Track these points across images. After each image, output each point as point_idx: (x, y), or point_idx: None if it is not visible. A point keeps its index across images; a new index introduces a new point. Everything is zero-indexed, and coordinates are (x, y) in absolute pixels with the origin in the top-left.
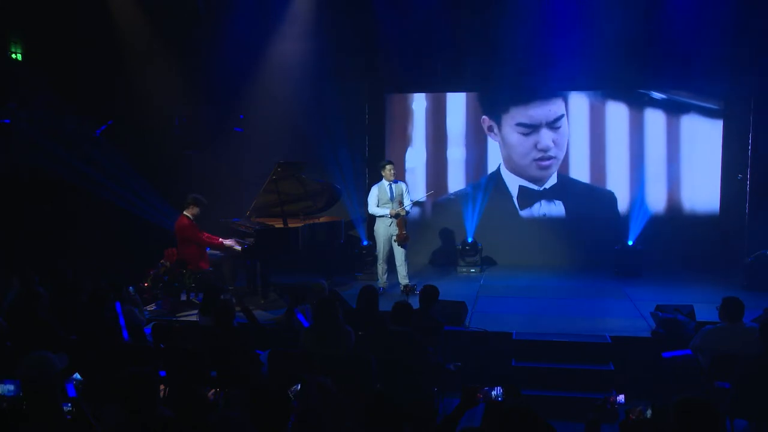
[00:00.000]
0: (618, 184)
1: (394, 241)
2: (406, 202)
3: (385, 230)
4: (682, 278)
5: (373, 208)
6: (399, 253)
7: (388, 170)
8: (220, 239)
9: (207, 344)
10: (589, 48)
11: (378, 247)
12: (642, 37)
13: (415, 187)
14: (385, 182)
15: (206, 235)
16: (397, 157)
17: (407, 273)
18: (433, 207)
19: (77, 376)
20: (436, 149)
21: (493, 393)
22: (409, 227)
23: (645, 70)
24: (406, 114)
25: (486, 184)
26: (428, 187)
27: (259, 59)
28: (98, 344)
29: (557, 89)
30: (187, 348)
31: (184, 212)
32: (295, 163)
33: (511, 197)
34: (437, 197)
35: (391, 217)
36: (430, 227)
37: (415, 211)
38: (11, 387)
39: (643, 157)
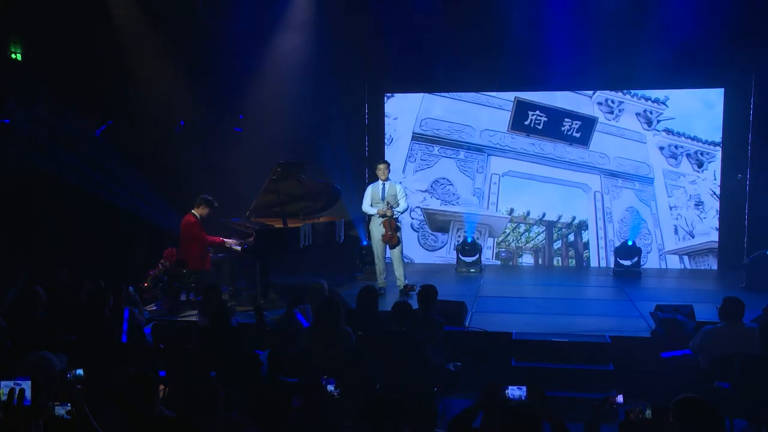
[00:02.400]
0: (617, 183)
1: (383, 241)
2: (401, 203)
3: (377, 230)
4: (682, 278)
5: (365, 207)
6: (392, 253)
7: (381, 170)
8: (221, 238)
9: (207, 344)
10: (586, 45)
11: (373, 247)
12: (640, 35)
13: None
14: (379, 182)
15: (208, 238)
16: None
17: (403, 273)
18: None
19: (79, 371)
20: (435, 149)
21: (517, 393)
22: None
23: (644, 68)
24: (405, 114)
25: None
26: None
27: (259, 59)
28: (98, 344)
29: (552, 87)
30: (187, 348)
31: (193, 211)
32: (295, 163)
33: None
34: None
35: (379, 217)
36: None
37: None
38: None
39: (642, 157)
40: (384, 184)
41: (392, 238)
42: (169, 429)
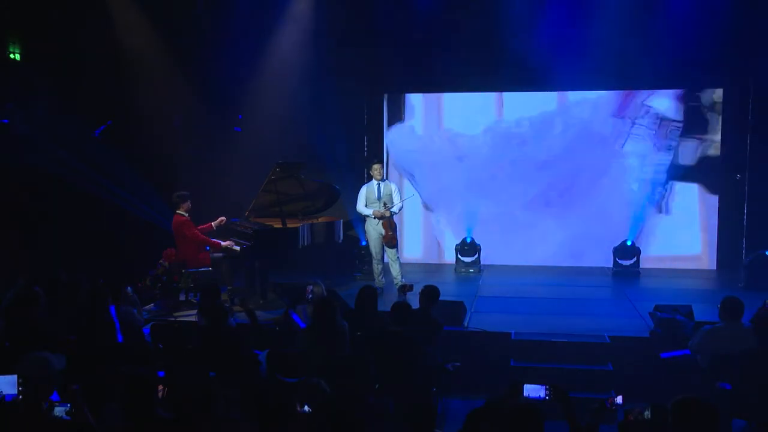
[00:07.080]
0: (617, 183)
1: (382, 241)
2: (396, 202)
3: (374, 230)
4: (681, 278)
5: (360, 207)
6: (389, 253)
7: (376, 169)
8: (217, 240)
9: (205, 344)
10: (586, 46)
11: (371, 247)
12: (639, 35)
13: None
14: (374, 182)
15: (202, 236)
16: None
17: (400, 272)
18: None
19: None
20: (434, 150)
21: (534, 392)
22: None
23: (643, 68)
24: (404, 114)
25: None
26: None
27: (259, 59)
28: (97, 344)
29: (554, 87)
30: (186, 348)
31: (177, 211)
32: (294, 163)
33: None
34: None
35: (375, 218)
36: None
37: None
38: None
39: (641, 157)
40: (379, 184)
41: (392, 239)
42: (168, 429)
